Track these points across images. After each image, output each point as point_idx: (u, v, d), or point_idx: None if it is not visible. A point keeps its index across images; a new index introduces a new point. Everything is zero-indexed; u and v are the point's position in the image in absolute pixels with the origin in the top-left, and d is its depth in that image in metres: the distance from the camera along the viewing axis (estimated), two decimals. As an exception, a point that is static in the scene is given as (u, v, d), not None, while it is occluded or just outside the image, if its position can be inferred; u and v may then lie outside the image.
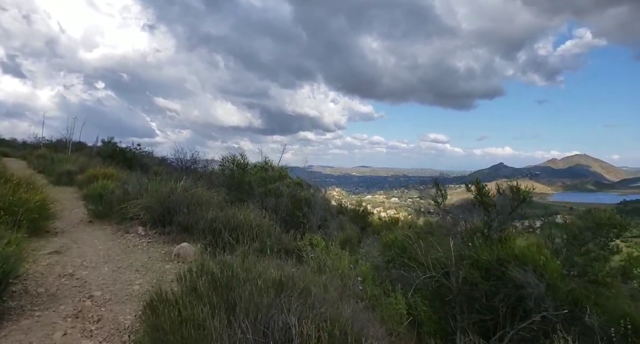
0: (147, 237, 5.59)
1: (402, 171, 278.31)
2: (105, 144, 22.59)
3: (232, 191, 6.38)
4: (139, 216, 6.12)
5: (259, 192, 6.14)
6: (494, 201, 3.16)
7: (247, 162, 6.81)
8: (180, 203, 5.98)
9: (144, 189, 6.82)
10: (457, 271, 3.04)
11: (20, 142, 33.85)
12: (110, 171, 9.48)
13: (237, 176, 6.45)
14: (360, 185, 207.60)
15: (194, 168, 15.13)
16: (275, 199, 6.14)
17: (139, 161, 19.05)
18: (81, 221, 6.60)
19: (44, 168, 13.35)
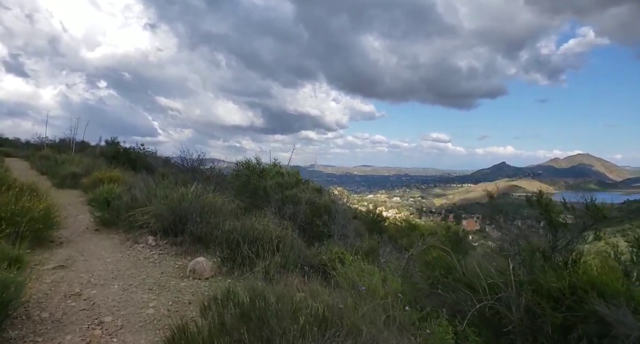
0: (158, 248, 5.23)
1: (404, 170, 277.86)
2: (109, 144, 22.30)
3: (246, 197, 5.99)
4: (148, 224, 5.77)
5: (275, 198, 5.77)
6: (565, 221, 2.79)
7: (262, 168, 6.39)
8: (193, 211, 5.62)
9: (152, 195, 6.47)
10: (518, 298, 2.66)
11: (23, 142, 33.63)
12: (115, 174, 9.14)
13: (252, 181, 6.07)
14: (362, 184, 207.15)
15: (201, 169, 14.80)
16: (293, 206, 5.76)
17: (144, 162, 18.73)
18: (87, 228, 6.25)
19: (47, 170, 13.03)
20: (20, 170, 14.69)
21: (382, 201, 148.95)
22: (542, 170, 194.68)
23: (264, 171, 6.18)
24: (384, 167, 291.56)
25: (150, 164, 19.10)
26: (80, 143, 25.26)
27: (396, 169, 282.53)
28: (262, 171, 6.10)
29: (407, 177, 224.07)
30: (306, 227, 5.89)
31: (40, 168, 13.63)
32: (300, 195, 5.81)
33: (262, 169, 6.16)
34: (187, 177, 13.85)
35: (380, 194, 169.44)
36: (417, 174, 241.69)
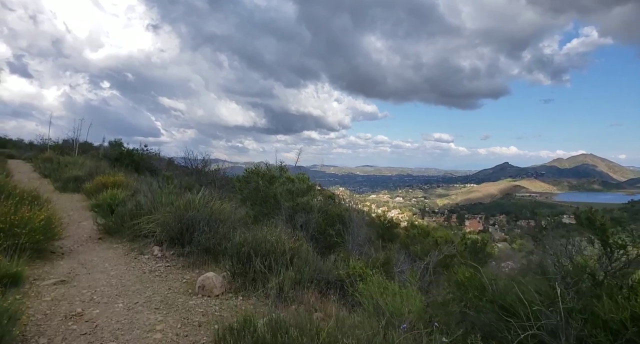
0: (164, 259, 4.97)
1: (407, 170, 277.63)
2: (112, 145, 22.13)
3: (255, 204, 5.71)
4: (154, 233, 5.52)
5: (285, 206, 5.48)
6: (624, 242, 2.52)
7: (272, 174, 6.10)
8: (200, 220, 5.36)
9: (158, 202, 6.22)
10: (567, 327, 2.38)
11: (27, 143, 33.51)
12: (119, 178, 8.91)
13: (261, 189, 5.78)
14: (365, 184, 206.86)
15: (206, 171, 14.56)
16: (305, 215, 5.47)
17: (147, 164, 18.53)
18: (90, 237, 6.01)
19: (50, 173, 12.82)
20: (23, 173, 14.52)
21: (385, 201, 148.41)
22: (545, 170, 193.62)
23: (273, 177, 5.88)
24: (387, 167, 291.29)
25: (154, 166, 18.91)
26: (84, 144, 25.13)
27: (399, 169, 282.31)
28: (272, 178, 5.80)
29: (410, 178, 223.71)
30: (319, 237, 5.60)
31: (43, 171, 13.43)
32: (312, 203, 5.52)
33: (272, 176, 5.86)
34: (191, 180, 13.63)
35: (382, 195, 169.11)
36: (420, 174, 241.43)
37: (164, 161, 24.46)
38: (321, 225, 5.52)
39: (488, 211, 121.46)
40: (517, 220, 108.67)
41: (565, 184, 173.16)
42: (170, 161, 24.92)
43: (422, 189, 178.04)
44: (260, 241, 4.16)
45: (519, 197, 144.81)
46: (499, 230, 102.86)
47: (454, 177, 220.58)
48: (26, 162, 20.27)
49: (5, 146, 31.66)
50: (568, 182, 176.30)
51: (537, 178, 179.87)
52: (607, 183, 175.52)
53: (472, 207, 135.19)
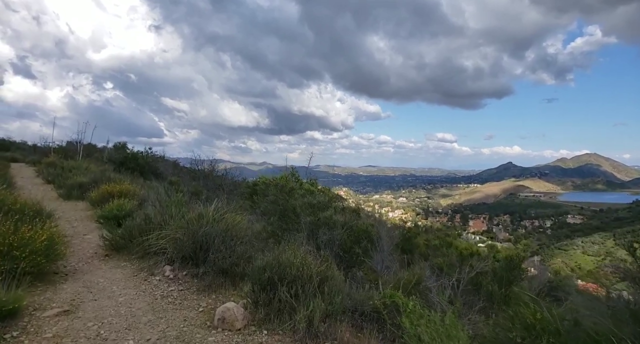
0: (176, 282, 4.55)
1: (410, 170, 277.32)
2: (116, 148, 21.82)
3: (274, 219, 5.28)
4: (164, 250, 5.11)
5: (307, 222, 5.05)
6: None
7: (291, 187, 5.62)
8: (215, 236, 4.94)
9: (168, 216, 5.81)
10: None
11: (31, 145, 33.27)
12: (125, 186, 8.51)
13: (280, 202, 5.34)
14: (368, 184, 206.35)
15: (213, 176, 14.18)
16: (328, 231, 5.03)
17: (152, 168, 18.19)
18: (95, 253, 5.59)
19: (54, 178, 12.47)
20: (26, 178, 14.19)
21: (388, 202, 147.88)
22: (549, 170, 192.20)
23: (292, 189, 5.43)
24: (390, 167, 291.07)
25: (159, 170, 18.58)
26: (88, 146, 24.86)
27: (402, 169, 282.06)
28: (291, 190, 5.36)
29: (413, 178, 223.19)
30: (344, 255, 5.15)
31: (47, 177, 13.08)
32: (336, 218, 5.06)
33: (291, 188, 5.41)
34: (198, 186, 13.27)
35: (386, 195, 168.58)
36: (423, 175, 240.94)
37: (169, 164, 24.16)
38: (346, 242, 5.07)
39: (492, 211, 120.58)
40: (521, 220, 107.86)
41: (570, 184, 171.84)
42: (175, 163, 24.61)
43: (425, 189, 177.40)
44: (284, 265, 3.73)
45: (522, 197, 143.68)
46: (503, 230, 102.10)
47: (457, 177, 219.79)
48: (29, 165, 19.98)
49: (9, 148, 31.45)
50: (572, 182, 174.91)
51: (540, 178, 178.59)
52: (611, 183, 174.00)
53: (476, 207, 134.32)
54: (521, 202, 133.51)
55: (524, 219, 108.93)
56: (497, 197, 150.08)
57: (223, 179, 13.60)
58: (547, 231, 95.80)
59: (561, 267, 67.72)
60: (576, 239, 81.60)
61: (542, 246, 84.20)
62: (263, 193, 5.66)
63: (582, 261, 72.37)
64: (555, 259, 74.03)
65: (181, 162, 28.43)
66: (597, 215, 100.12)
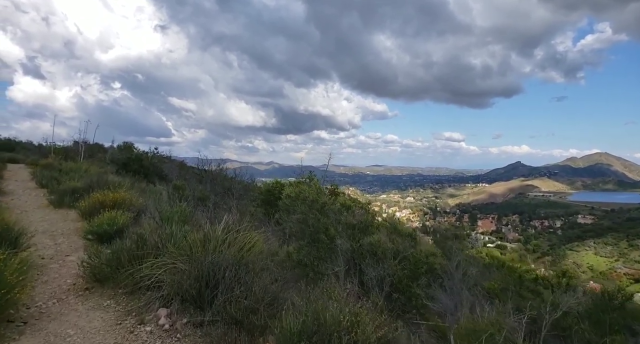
0: (174, 334, 3.35)
1: (417, 169, 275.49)
2: (121, 149, 20.81)
3: (303, 243, 4.06)
4: (161, 283, 3.93)
5: (344, 249, 3.84)
6: None
7: (324, 202, 4.32)
8: (225, 267, 3.74)
9: (166, 238, 4.62)
10: None
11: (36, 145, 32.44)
12: (121, 195, 7.35)
13: (311, 222, 4.10)
14: (375, 184, 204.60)
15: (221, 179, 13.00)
16: (376, 262, 3.80)
17: (157, 169, 17.11)
18: (74, 285, 4.41)
19: (47, 182, 11.39)
20: (20, 182, 13.15)
21: (396, 201, 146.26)
22: (558, 169, 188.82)
23: (325, 205, 4.18)
24: (397, 167, 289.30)
25: (164, 172, 17.50)
26: (92, 146, 23.88)
27: (409, 168, 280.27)
28: (323, 206, 4.12)
29: (420, 177, 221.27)
30: (400, 298, 3.90)
31: (40, 180, 12.02)
32: (386, 246, 3.80)
33: (323, 204, 4.16)
34: (205, 190, 12.15)
35: (393, 194, 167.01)
36: (431, 174, 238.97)
37: (175, 164, 23.10)
38: (401, 279, 3.81)
39: (500, 211, 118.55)
40: (530, 220, 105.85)
41: (580, 184, 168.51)
42: (182, 164, 23.55)
43: (433, 189, 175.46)
44: (328, 326, 2.51)
45: (532, 197, 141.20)
46: (512, 230, 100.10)
47: (465, 176, 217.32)
48: (28, 167, 19.00)
49: (14, 148, 30.64)
50: (582, 181, 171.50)
51: (550, 177, 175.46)
52: (623, 182, 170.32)
53: (484, 207, 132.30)
54: (530, 202, 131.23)
55: (534, 219, 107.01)
56: (506, 197, 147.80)
57: (232, 182, 12.41)
58: (557, 232, 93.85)
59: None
60: (588, 240, 79.74)
61: (552, 246, 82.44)
62: (287, 209, 4.48)
63: (594, 262, 70.64)
64: (566, 260, 72.25)
65: (189, 162, 27.44)
66: (609, 215, 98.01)
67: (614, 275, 64.18)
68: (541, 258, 74.65)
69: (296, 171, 12.42)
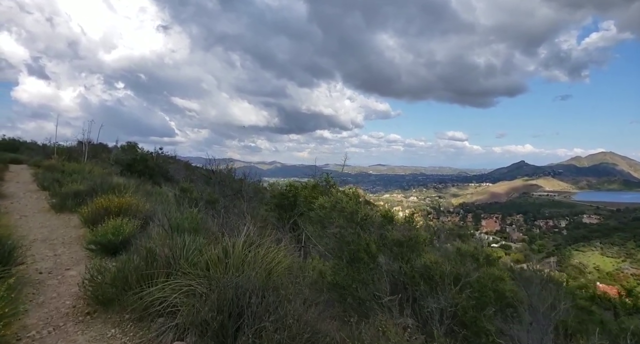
0: (192, 377, 2.78)
1: (420, 169, 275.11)
2: (125, 149, 20.34)
3: (342, 263, 3.43)
4: (174, 308, 3.36)
5: (391, 269, 3.22)
6: None
7: (365, 214, 3.66)
8: (251, 291, 3.17)
9: (178, 253, 4.05)
10: None
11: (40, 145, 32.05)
12: (127, 199, 6.79)
13: (350, 238, 3.46)
14: (378, 184, 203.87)
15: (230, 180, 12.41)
16: (432, 288, 3.15)
17: (162, 171, 16.58)
18: (74, 308, 3.84)
19: (49, 185, 10.87)
20: (21, 184, 12.65)
21: (399, 201, 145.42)
22: (562, 169, 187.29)
23: (367, 217, 3.54)
24: (400, 166, 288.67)
25: (170, 172, 16.97)
26: (96, 146, 23.42)
27: (412, 168, 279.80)
28: (365, 219, 3.49)
29: (423, 177, 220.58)
30: (462, 330, 3.28)
31: (41, 182, 11.50)
32: (445, 269, 3.14)
33: (365, 216, 3.52)
34: (213, 193, 11.59)
35: (396, 194, 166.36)
36: (434, 173, 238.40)
37: (181, 165, 22.58)
38: (466, 311, 3.18)
39: (504, 211, 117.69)
40: (534, 220, 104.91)
41: (585, 183, 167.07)
42: (187, 164, 23.02)
43: (436, 189, 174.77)
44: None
45: (536, 197, 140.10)
46: (517, 230, 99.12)
47: (468, 176, 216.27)
48: (31, 168, 18.53)
49: (18, 148, 30.26)
50: (587, 181, 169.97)
51: (554, 177, 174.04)
52: (628, 182, 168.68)
53: (488, 206, 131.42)
54: (534, 202, 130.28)
55: (538, 219, 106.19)
56: (510, 196, 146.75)
57: (243, 184, 11.82)
58: (562, 231, 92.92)
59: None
60: (594, 240, 78.88)
61: (558, 246, 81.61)
62: (321, 221, 3.89)
63: (600, 263, 69.75)
64: (572, 260, 71.36)
65: (193, 162, 26.93)
66: (615, 215, 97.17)
67: (621, 276, 63.38)
68: (546, 258, 73.80)
69: (308, 172, 11.85)
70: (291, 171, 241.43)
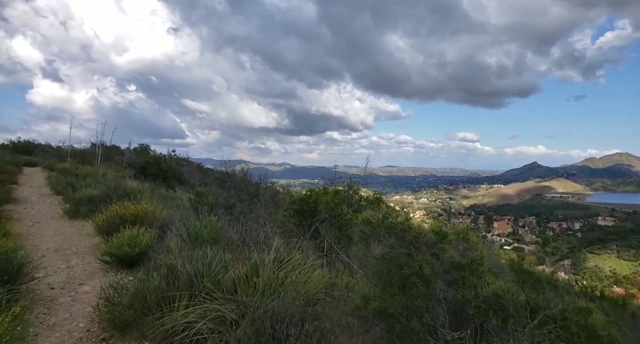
0: None
1: (430, 170, 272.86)
2: (138, 152, 20.19)
3: (393, 289, 2.91)
4: (201, 335, 2.96)
5: (452, 297, 2.66)
6: None
7: (419, 233, 3.11)
8: (289, 319, 2.76)
9: (201, 270, 3.65)
10: None
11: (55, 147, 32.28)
12: (143, 206, 6.43)
13: (403, 261, 2.93)
14: (387, 185, 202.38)
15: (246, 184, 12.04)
16: (503, 322, 2.54)
17: (176, 173, 16.33)
18: (88, 332, 3.46)
19: (63, 189, 10.64)
20: (35, 188, 12.47)
21: (409, 202, 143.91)
22: (576, 170, 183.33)
23: (419, 236, 3.00)
24: (410, 167, 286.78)
25: (184, 175, 16.72)
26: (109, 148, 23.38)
27: (422, 169, 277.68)
28: (418, 237, 2.95)
29: (434, 178, 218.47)
30: None
31: (55, 186, 11.28)
32: (519, 297, 2.56)
33: (417, 234, 2.98)
34: (230, 197, 11.24)
35: (406, 195, 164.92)
36: (445, 175, 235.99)
37: (194, 167, 22.39)
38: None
39: (516, 212, 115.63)
40: (547, 222, 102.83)
41: (599, 185, 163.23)
42: (200, 166, 22.82)
43: (447, 190, 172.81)
44: None
45: (549, 198, 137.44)
46: (530, 232, 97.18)
47: (480, 177, 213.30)
48: (45, 170, 18.48)
49: (32, 151, 30.50)
50: (602, 182, 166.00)
51: (568, 178, 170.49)
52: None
53: (500, 208, 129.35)
54: (547, 203, 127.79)
55: (551, 221, 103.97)
56: (522, 198, 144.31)
57: (259, 188, 11.43)
58: (576, 234, 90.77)
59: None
60: (610, 243, 77.00)
61: (572, 249, 79.86)
62: (365, 238, 3.39)
63: (617, 266, 68.03)
64: (587, 263, 69.75)
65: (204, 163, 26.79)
66: (631, 217, 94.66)
67: (638, 279, 61.69)
68: (560, 261, 72.24)
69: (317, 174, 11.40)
70: (301, 172, 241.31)
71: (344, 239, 8.04)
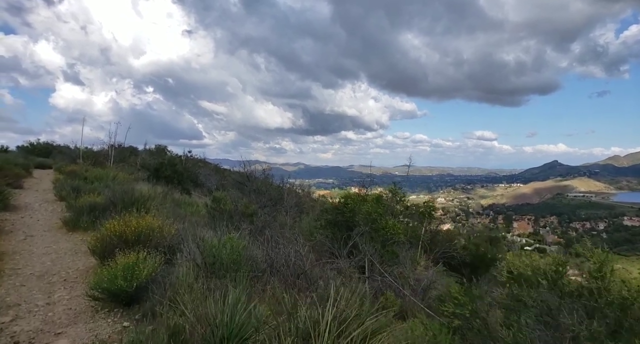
0: None
1: (447, 169, 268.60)
2: (152, 153, 19.22)
3: None
4: None
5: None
6: None
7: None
8: None
9: (219, 334, 2.36)
10: None
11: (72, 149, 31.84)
12: (148, 220, 5.16)
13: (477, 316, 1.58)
14: (403, 184, 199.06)
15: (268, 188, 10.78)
16: None
17: (192, 176, 15.22)
18: None
19: (66, 195, 9.56)
20: (40, 192, 11.50)
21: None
22: (599, 169, 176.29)
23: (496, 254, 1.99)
24: (426, 167, 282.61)
25: (199, 177, 15.61)
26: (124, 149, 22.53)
27: (439, 168, 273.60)
28: (494, 257, 1.92)
29: (451, 177, 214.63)
30: None
31: (59, 191, 10.24)
32: None
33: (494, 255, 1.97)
34: (250, 203, 10.02)
35: (423, 195, 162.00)
36: (462, 174, 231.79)
37: (210, 168, 21.36)
38: None
39: (537, 212, 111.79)
40: (570, 222, 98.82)
41: (624, 184, 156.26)
42: (217, 168, 21.74)
43: (464, 190, 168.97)
44: None
45: (571, 198, 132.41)
46: (551, 232, 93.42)
47: (498, 176, 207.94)
48: (56, 173, 17.66)
49: (50, 152, 30.06)
50: (627, 181, 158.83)
51: (590, 177, 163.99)
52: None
53: (520, 208, 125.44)
54: (569, 203, 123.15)
55: (574, 221, 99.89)
56: (543, 197, 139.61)
57: (283, 192, 10.14)
58: (601, 234, 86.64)
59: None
60: (638, 244, 73.25)
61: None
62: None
63: (647, 269, 64.52)
64: (614, 265, 66.37)
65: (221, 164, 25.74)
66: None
67: (672, 284, 58.18)
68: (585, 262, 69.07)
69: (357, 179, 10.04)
70: (315, 172, 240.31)
71: (386, 256, 6.67)
